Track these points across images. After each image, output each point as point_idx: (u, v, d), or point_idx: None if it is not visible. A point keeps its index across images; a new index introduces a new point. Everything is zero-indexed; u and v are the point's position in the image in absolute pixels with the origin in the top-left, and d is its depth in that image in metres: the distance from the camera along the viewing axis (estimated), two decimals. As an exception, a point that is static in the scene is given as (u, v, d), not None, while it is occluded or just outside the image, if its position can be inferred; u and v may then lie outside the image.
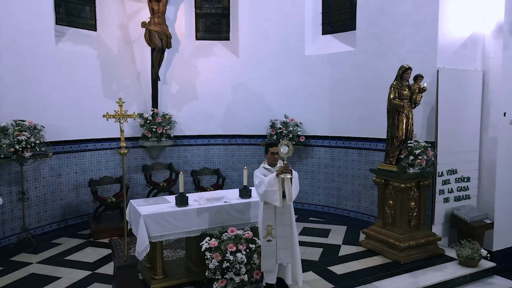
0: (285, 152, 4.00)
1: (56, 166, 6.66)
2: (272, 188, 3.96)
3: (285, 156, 3.99)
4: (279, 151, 4.02)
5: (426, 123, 5.99)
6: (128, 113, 4.49)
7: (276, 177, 3.97)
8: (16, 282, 4.63)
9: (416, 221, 5.40)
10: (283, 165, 3.97)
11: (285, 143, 4.01)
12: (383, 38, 6.59)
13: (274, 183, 3.96)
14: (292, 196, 3.99)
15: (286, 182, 3.96)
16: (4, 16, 5.79)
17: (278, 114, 7.83)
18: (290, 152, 4.02)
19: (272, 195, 3.97)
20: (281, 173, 3.93)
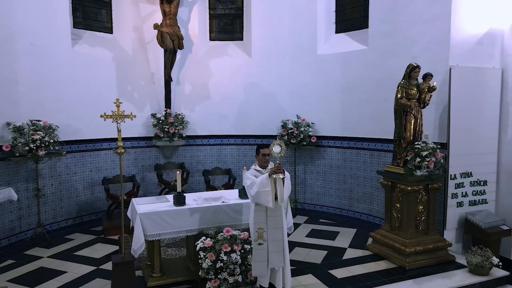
0: (278, 152, 3.94)
1: (71, 165, 6.92)
2: (265, 188, 3.90)
3: (277, 155, 3.94)
4: (271, 151, 3.97)
5: (438, 123, 5.75)
6: (125, 114, 4.45)
7: (269, 177, 3.92)
8: (24, 275, 4.84)
9: (424, 225, 5.19)
10: (276, 165, 3.91)
11: (277, 143, 3.96)
12: (395, 36, 6.38)
13: (267, 184, 3.90)
14: (284, 197, 3.92)
15: (278, 182, 3.90)
16: (22, 21, 6.07)
17: (290, 114, 7.76)
18: (283, 151, 3.96)
19: (264, 196, 3.91)
20: (274, 173, 3.88)
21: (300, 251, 5.58)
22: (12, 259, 5.34)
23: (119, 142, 4.38)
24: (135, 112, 7.68)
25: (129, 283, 4.16)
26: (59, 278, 4.71)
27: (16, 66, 6.04)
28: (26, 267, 5.07)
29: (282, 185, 3.89)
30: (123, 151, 4.38)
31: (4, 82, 5.86)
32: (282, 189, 3.89)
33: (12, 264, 5.17)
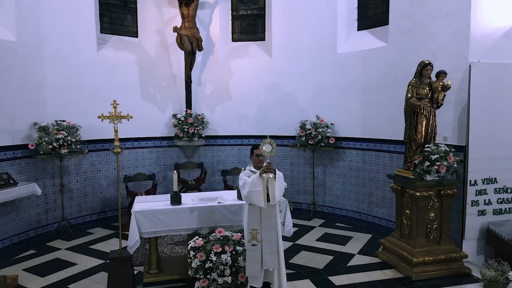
0: (268, 151, 3.88)
1: (96, 162, 7.31)
2: (256, 188, 3.86)
3: (268, 155, 3.88)
4: (261, 150, 3.92)
5: (457, 125, 5.33)
6: (122, 115, 4.62)
7: (260, 177, 3.87)
8: (39, 265, 5.20)
9: (436, 234, 4.84)
10: (266, 164, 3.86)
11: (267, 142, 3.90)
12: (415, 32, 6.02)
13: (258, 183, 3.85)
14: (276, 196, 3.85)
15: (270, 182, 3.84)
16: (50, 28, 6.51)
17: (310, 115, 7.61)
18: (274, 151, 3.89)
19: (256, 196, 3.87)
20: (264, 172, 3.83)
21: (305, 255, 5.45)
22: (34, 250, 5.76)
23: (116, 142, 4.56)
24: (157, 113, 8.07)
25: (125, 278, 4.32)
26: (68, 270, 5.00)
27: (44, 70, 6.50)
28: (43, 258, 5.43)
29: (273, 185, 3.83)
30: (120, 151, 4.55)
31: (32, 85, 6.31)
32: (273, 189, 3.83)
33: (32, 254, 5.57)
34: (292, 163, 8.10)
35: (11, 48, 5.98)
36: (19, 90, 6.10)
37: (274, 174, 3.83)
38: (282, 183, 3.96)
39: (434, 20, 5.65)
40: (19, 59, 6.09)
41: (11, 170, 5.97)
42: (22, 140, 6.15)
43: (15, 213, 6.09)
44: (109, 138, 7.44)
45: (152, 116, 7.92)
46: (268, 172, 3.77)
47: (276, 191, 3.82)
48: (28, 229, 6.30)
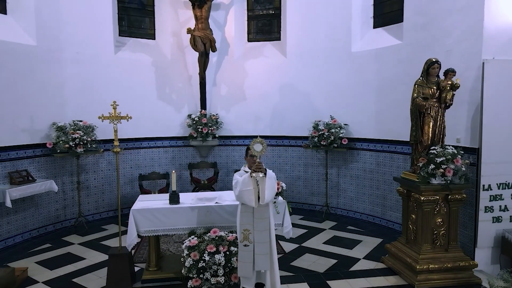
0: (259, 150, 3.87)
1: (113, 161, 7.56)
2: (247, 188, 3.85)
3: (258, 154, 3.86)
4: (251, 149, 3.90)
5: (470, 126, 5.04)
6: (122, 115, 4.75)
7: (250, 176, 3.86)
8: (51, 258, 5.45)
9: (443, 240, 4.60)
10: (256, 164, 3.84)
11: (258, 141, 3.89)
12: (430, 28, 5.76)
13: (249, 183, 3.85)
14: (266, 196, 3.81)
15: (261, 181, 3.82)
16: (69, 32, 6.81)
17: (324, 115, 7.47)
18: (264, 150, 3.87)
19: (247, 195, 3.86)
20: (254, 172, 3.81)
21: (308, 258, 5.36)
22: (50, 244, 6.05)
23: (116, 142, 4.68)
24: (173, 113, 8.23)
25: (123, 274, 4.43)
26: (76, 264, 5.21)
27: (63, 73, 6.80)
28: (56, 252, 5.70)
29: (263, 184, 3.80)
30: (119, 150, 4.66)
31: (52, 87, 6.63)
32: (263, 189, 3.80)
33: (47, 248, 5.85)
34: (306, 164, 7.99)
35: (32, 52, 6.31)
36: (39, 91, 6.43)
37: (265, 174, 3.80)
38: (274, 183, 3.90)
39: (449, 15, 5.37)
40: (39, 62, 6.42)
41: (31, 167, 6.30)
42: (41, 139, 6.48)
43: (35, 209, 6.43)
44: (126, 138, 7.69)
45: (168, 116, 8.09)
46: (258, 171, 3.75)
47: (266, 191, 3.78)
48: (47, 223, 6.62)
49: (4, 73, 5.89)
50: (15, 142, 6.06)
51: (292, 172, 8.15)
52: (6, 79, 5.93)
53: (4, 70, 5.89)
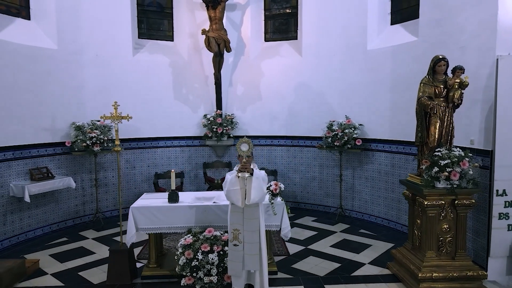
0: (245, 150, 3.90)
1: (131, 160, 7.81)
2: (234, 187, 3.90)
3: (244, 154, 3.88)
4: (238, 149, 3.92)
5: (484, 126, 4.72)
6: (123, 115, 4.90)
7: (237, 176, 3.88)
8: (64, 251, 5.72)
9: (450, 248, 4.35)
10: (242, 163, 3.85)
11: (244, 141, 3.91)
12: (444, 24, 5.47)
13: (236, 183, 3.89)
14: (251, 196, 3.80)
15: (247, 181, 3.82)
16: (88, 35, 7.11)
17: (340, 115, 7.31)
18: (251, 150, 3.89)
19: (234, 195, 3.91)
20: (239, 171, 3.83)
21: (311, 261, 5.26)
22: (66, 237, 6.35)
23: (117, 141, 4.81)
24: (189, 113, 8.37)
25: (123, 269, 4.57)
26: (85, 258, 5.43)
27: (82, 74, 7.11)
28: (71, 245, 5.97)
29: (250, 184, 3.80)
30: (119, 149, 4.81)
31: (72, 88, 6.95)
32: (249, 188, 3.80)
33: (63, 241, 6.15)
34: (321, 165, 7.85)
35: (53, 56, 6.64)
36: (60, 93, 6.76)
37: (251, 174, 3.79)
38: (261, 183, 3.87)
39: (463, 10, 5.07)
40: (60, 65, 6.74)
41: (51, 164, 6.64)
42: (61, 138, 6.81)
43: (55, 204, 6.77)
44: (144, 137, 7.92)
45: (185, 116, 8.23)
46: (244, 171, 3.76)
47: (252, 190, 3.78)
48: (66, 218, 6.95)
49: (27, 75, 6.24)
50: (36, 140, 6.41)
51: (307, 173, 8.03)
52: (29, 81, 6.28)
53: (27, 73, 6.24)
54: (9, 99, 5.96)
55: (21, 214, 6.17)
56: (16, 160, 6.08)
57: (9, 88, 5.96)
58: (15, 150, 6.05)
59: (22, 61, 6.16)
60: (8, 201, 5.94)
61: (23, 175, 6.19)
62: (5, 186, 5.90)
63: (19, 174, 6.13)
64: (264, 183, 3.95)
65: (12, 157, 6.01)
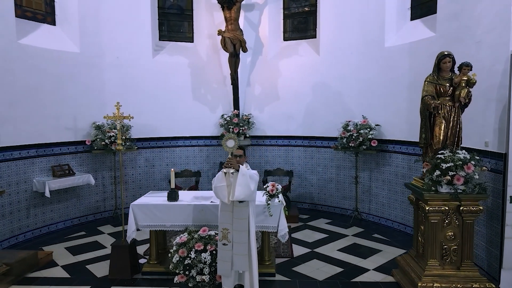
0: (231, 146, 3.93)
1: (150, 158, 8.06)
2: (220, 183, 3.93)
3: (230, 150, 3.91)
4: (223, 145, 3.95)
5: (498, 127, 4.38)
6: (124, 115, 5.04)
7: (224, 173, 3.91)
8: (79, 245, 6.01)
9: (455, 257, 4.07)
10: (227, 159, 3.87)
11: (230, 137, 3.93)
12: (461, 18, 5.13)
13: (222, 179, 3.92)
14: (235, 192, 3.78)
15: (233, 178, 3.83)
16: (109, 39, 7.41)
17: (356, 115, 7.10)
18: (236, 146, 3.91)
19: (220, 191, 3.94)
20: (225, 167, 3.85)
21: (313, 264, 5.14)
22: (85, 231, 6.67)
23: (119, 140, 4.97)
24: (207, 113, 8.50)
25: (124, 264, 4.72)
26: (96, 252, 5.67)
27: (104, 76, 7.43)
28: (86, 239, 6.26)
29: (235, 181, 3.79)
30: (122, 148, 4.96)
31: (94, 90, 7.28)
32: (234, 185, 3.80)
33: (81, 235, 6.46)
34: (338, 166, 7.65)
35: (76, 59, 7.00)
36: (82, 94, 7.10)
37: (237, 170, 3.78)
38: (247, 180, 3.83)
39: (479, 1, 4.73)
40: (82, 67, 7.09)
41: (73, 162, 7.01)
42: (83, 137, 7.16)
43: (76, 199, 7.13)
44: (163, 137, 8.13)
45: (203, 116, 8.34)
46: (227, 167, 3.78)
47: (237, 187, 3.77)
48: (87, 213, 7.30)
49: (51, 78, 6.62)
50: (58, 139, 6.79)
51: (324, 174, 7.86)
52: (53, 83, 6.65)
53: (51, 76, 6.62)
54: (33, 100, 6.35)
55: (43, 208, 6.56)
56: (39, 158, 6.47)
57: (33, 90, 6.35)
58: (38, 148, 6.44)
59: (46, 65, 6.54)
60: (31, 195, 6.34)
61: (46, 171, 6.58)
62: (29, 181, 6.30)
63: (42, 170, 6.52)
64: (252, 181, 3.91)
65: (35, 155, 6.40)
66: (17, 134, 6.10)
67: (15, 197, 6.07)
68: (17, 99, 6.09)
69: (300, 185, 8.16)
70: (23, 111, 6.19)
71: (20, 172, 6.15)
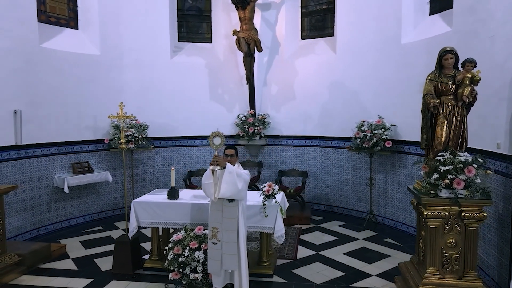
0: (217, 144, 3.96)
1: (168, 157, 8.25)
2: (208, 181, 3.98)
3: (216, 147, 3.94)
4: (210, 142, 3.98)
5: (509, 128, 4.06)
6: (127, 115, 5.18)
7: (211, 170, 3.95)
8: (93, 239, 6.28)
9: (457, 266, 3.82)
10: (213, 156, 3.89)
11: (216, 134, 3.96)
12: (477, 11, 4.82)
13: (210, 177, 3.96)
14: (222, 190, 3.79)
15: (220, 175, 3.84)
16: (129, 42, 7.67)
17: (373, 114, 6.86)
18: (223, 143, 3.93)
19: (207, 188, 3.98)
20: (211, 164, 3.88)
21: (315, 267, 5.03)
22: (101, 227, 6.95)
23: (122, 139, 5.12)
24: (224, 113, 8.58)
25: (126, 259, 4.88)
26: (106, 246, 5.89)
27: (123, 77, 7.71)
28: (101, 234, 6.53)
29: (221, 178, 3.81)
30: (124, 147, 5.11)
31: (114, 90, 7.55)
32: (220, 182, 3.81)
33: (97, 230, 6.75)
34: (354, 168, 7.44)
35: (97, 61, 7.31)
36: (102, 94, 7.40)
37: (222, 168, 3.79)
38: (234, 178, 3.82)
39: (493, -7, 4.42)
40: (103, 69, 7.40)
41: (93, 160, 7.33)
42: (102, 136, 7.46)
43: (96, 195, 7.45)
44: (180, 136, 8.29)
45: (220, 116, 8.40)
46: (213, 164, 3.80)
47: (223, 184, 3.79)
48: (106, 209, 7.61)
49: (73, 79, 6.97)
50: (79, 137, 7.13)
51: (340, 176, 7.68)
52: (74, 85, 6.99)
53: (72, 77, 6.96)
54: (56, 101, 6.71)
55: (64, 203, 6.91)
56: (60, 155, 6.82)
57: (55, 90, 6.70)
58: (59, 146, 6.80)
59: (68, 67, 6.88)
60: (52, 191, 6.70)
61: (67, 168, 6.93)
62: (50, 177, 6.66)
63: (63, 167, 6.87)
64: (241, 180, 3.89)
65: (56, 152, 6.76)
66: (40, 132, 6.47)
67: (36, 192, 6.44)
68: (40, 100, 6.45)
69: (316, 186, 8.02)
70: (46, 111, 6.55)
71: (42, 168, 6.52)
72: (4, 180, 5.87)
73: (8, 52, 5.92)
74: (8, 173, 5.97)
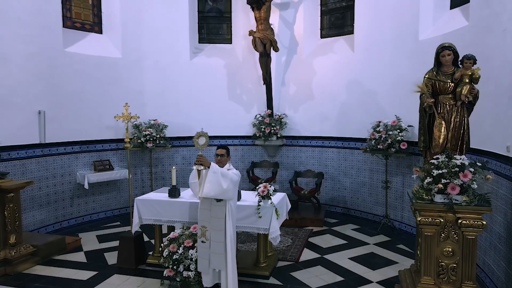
0: (202, 143, 4.02)
1: (187, 156, 8.44)
2: (193, 180, 4.13)
3: (200, 147, 4.01)
4: (194, 143, 4.04)
5: (517, 129, 3.74)
6: (131, 115, 5.36)
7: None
8: (108, 234, 6.57)
9: (454, 276, 3.58)
10: (197, 156, 3.94)
11: (201, 134, 4.02)
12: (492, 3, 4.49)
13: (195, 176, 4.11)
14: (204, 189, 3.84)
15: (204, 174, 3.90)
16: (149, 44, 7.94)
17: (390, 114, 6.62)
18: (207, 143, 3.98)
19: (193, 187, 4.14)
20: (195, 164, 3.94)
21: (314, 271, 4.93)
22: (120, 222, 7.25)
23: (126, 138, 5.30)
24: (243, 113, 8.66)
25: (129, 254, 5.06)
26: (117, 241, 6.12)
27: (143, 79, 7.99)
28: (117, 229, 6.80)
29: (206, 178, 3.87)
30: (130, 146, 5.28)
31: (134, 91, 7.85)
32: (204, 181, 3.87)
33: (115, 225, 7.05)
34: (371, 170, 7.19)
35: (118, 63, 7.64)
36: (123, 95, 7.68)
37: (206, 167, 3.83)
38: (219, 178, 3.85)
39: (506, -17, 4.09)
40: (124, 71, 7.71)
41: (114, 158, 7.66)
42: (123, 135, 7.73)
43: (117, 192, 7.78)
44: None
45: (238, 116, 8.47)
46: (197, 164, 3.85)
47: (206, 183, 3.85)
48: (127, 205, 7.92)
49: (95, 81, 7.33)
50: (100, 136, 7.48)
51: (357, 178, 7.45)
52: (96, 86, 7.36)
53: (95, 79, 7.33)
54: (78, 102, 7.09)
55: (86, 198, 7.29)
56: (82, 153, 7.21)
57: (78, 92, 7.09)
58: (82, 145, 7.18)
59: (90, 69, 7.25)
60: (75, 187, 7.10)
61: (89, 165, 7.30)
62: (73, 174, 7.06)
63: (85, 165, 7.25)
64: (226, 179, 3.91)
65: (79, 150, 7.15)
66: (63, 132, 6.86)
67: (59, 187, 6.85)
68: (63, 101, 6.85)
69: (333, 188, 7.83)
70: (69, 111, 6.94)
71: (64, 165, 6.93)
72: (29, 175, 6.31)
73: (33, 57, 6.35)
74: (32, 169, 6.40)
